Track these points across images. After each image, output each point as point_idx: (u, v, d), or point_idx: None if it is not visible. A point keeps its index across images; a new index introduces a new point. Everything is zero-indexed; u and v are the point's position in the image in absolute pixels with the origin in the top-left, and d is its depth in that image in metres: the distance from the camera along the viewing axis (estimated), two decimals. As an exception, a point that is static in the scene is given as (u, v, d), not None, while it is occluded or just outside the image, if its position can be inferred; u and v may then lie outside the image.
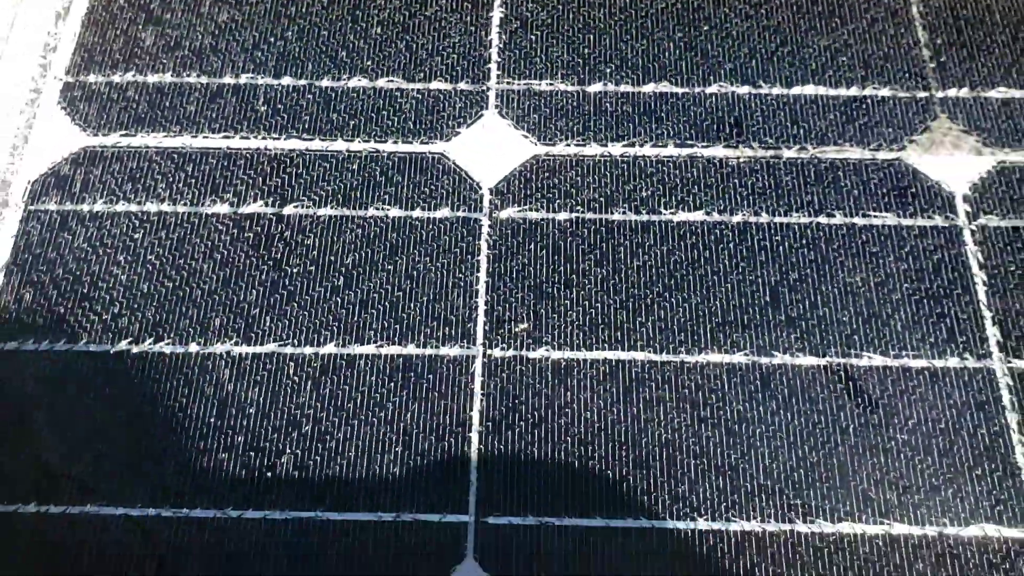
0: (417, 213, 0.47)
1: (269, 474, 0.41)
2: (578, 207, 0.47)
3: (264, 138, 0.49)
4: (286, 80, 0.51)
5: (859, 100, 0.50)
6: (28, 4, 0.53)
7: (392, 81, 0.51)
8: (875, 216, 0.47)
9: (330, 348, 0.44)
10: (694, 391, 0.43)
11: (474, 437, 0.42)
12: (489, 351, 0.44)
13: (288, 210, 0.47)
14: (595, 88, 0.51)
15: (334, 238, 0.46)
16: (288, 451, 0.41)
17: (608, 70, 0.52)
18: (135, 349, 0.43)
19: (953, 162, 0.48)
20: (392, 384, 0.43)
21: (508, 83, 0.51)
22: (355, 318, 0.44)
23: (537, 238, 0.47)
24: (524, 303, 0.45)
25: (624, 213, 0.47)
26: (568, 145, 0.49)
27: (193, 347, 0.44)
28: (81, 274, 0.45)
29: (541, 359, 0.43)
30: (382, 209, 0.47)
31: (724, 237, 0.46)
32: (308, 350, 0.44)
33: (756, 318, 0.44)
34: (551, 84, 0.51)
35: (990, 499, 0.40)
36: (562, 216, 0.47)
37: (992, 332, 0.44)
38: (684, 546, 0.39)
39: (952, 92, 0.50)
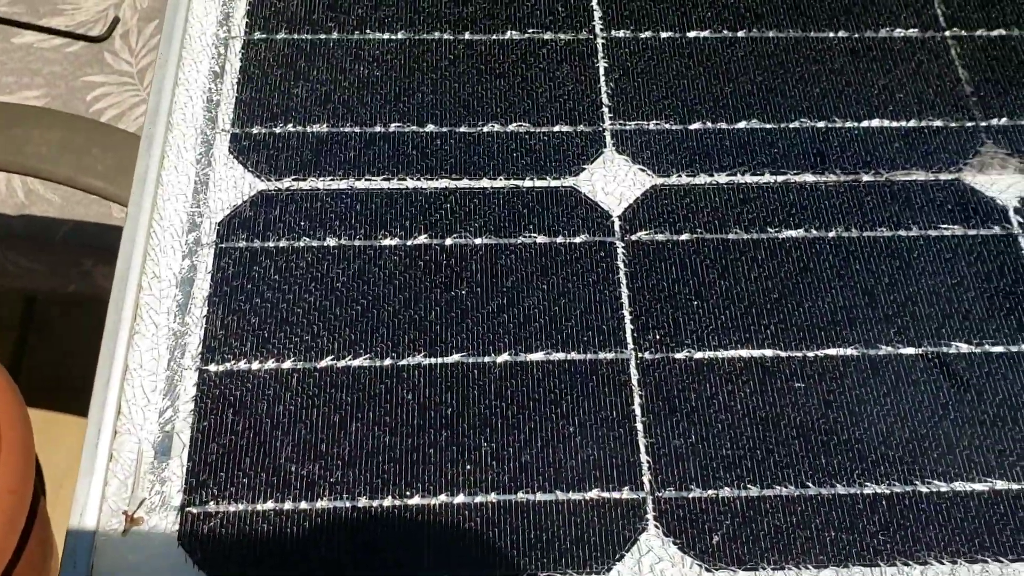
0: (560, 239, 0.55)
1: (469, 466, 0.48)
2: (697, 229, 0.55)
3: (418, 179, 0.56)
4: (429, 127, 0.58)
5: (918, 130, 0.59)
6: (187, 66, 0.60)
7: (521, 126, 0.59)
8: (945, 228, 0.56)
9: (505, 357, 0.51)
10: (817, 380, 0.51)
11: (639, 427, 0.49)
12: (640, 354, 0.51)
13: (449, 241, 0.54)
14: (695, 126, 0.59)
15: (493, 264, 0.54)
16: (484, 444, 0.48)
17: (704, 110, 0.60)
18: (339, 364, 0.50)
19: (1002, 181, 0.58)
20: (563, 385, 0.50)
21: (621, 124, 0.59)
22: (522, 331, 0.52)
23: (665, 256, 0.55)
24: (663, 312, 0.53)
25: (737, 233, 0.55)
26: (680, 176, 0.57)
27: (388, 361, 0.51)
28: (277, 302, 0.52)
29: (685, 359, 0.51)
30: (530, 237, 0.55)
31: (823, 250, 0.55)
32: (487, 359, 0.51)
33: (859, 317, 0.53)
34: (658, 124, 0.59)
35: (1068, 457, 0.49)
36: (684, 237, 0.55)
37: (1053, 321, 0.53)
38: (824, 509, 0.47)
39: (994, 121, 0.60)
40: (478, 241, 0.54)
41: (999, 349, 0.52)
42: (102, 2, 1.23)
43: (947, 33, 0.64)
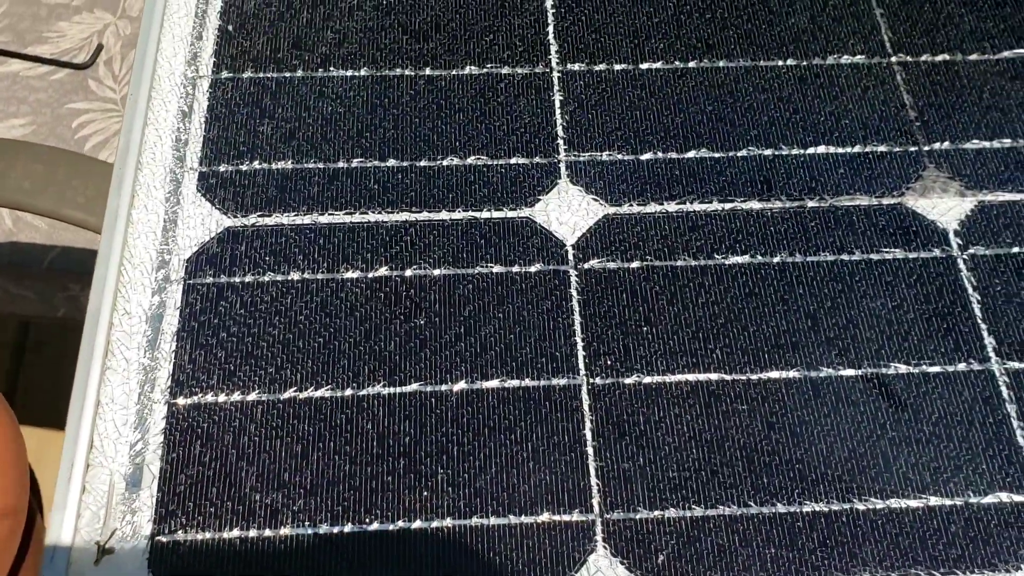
0: (516, 269, 0.57)
1: (426, 492, 0.50)
2: (647, 256, 0.58)
3: (379, 213, 0.59)
4: (391, 162, 0.61)
5: (862, 156, 0.62)
6: (156, 105, 0.62)
7: (479, 159, 0.61)
8: (886, 251, 0.58)
9: (462, 385, 0.53)
10: (761, 402, 0.53)
11: (589, 451, 0.51)
12: (592, 379, 0.54)
13: (409, 272, 0.57)
14: (647, 156, 0.62)
15: (451, 294, 0.56)
16: (441, 471, 0.51)
17: (655, 140, 0.62)
18: (301, 395, 0.52)
19: (943, 204, 0.60)
20: (517, 411, 0.52)
21: (575, 156, 0.61)
22: (478, 359, 0.54)
23: (617, 284, 0.57)
24: (613, 339, 0.55)
25: (685, 259, 0.58)
26: (631, 205, 0.60)
27: (348, 391, 0.53)
28: (243, 336, 0.54)
29: (635, 383, 0.53)
30: (487, 267, 0.57)
31: (768, 275, 0.57)
32: (444, 387, 0.53)
33: (802, 340, 0.55)
34: (610, 155, 0.61)
35: (1001, 472, 0.51)
36: (634, 264, 0.57)
37: (989, 341, 0.55)
38: (766, 528, 0.49)
39: (936, 145, 0.62)
40: (436, 272, 0.57)
41: (936, 369, 0.54)
42: (86, 29, 1.25)
43: (893, 59, 0.66)
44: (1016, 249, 0.58)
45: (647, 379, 0.54)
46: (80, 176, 0.81)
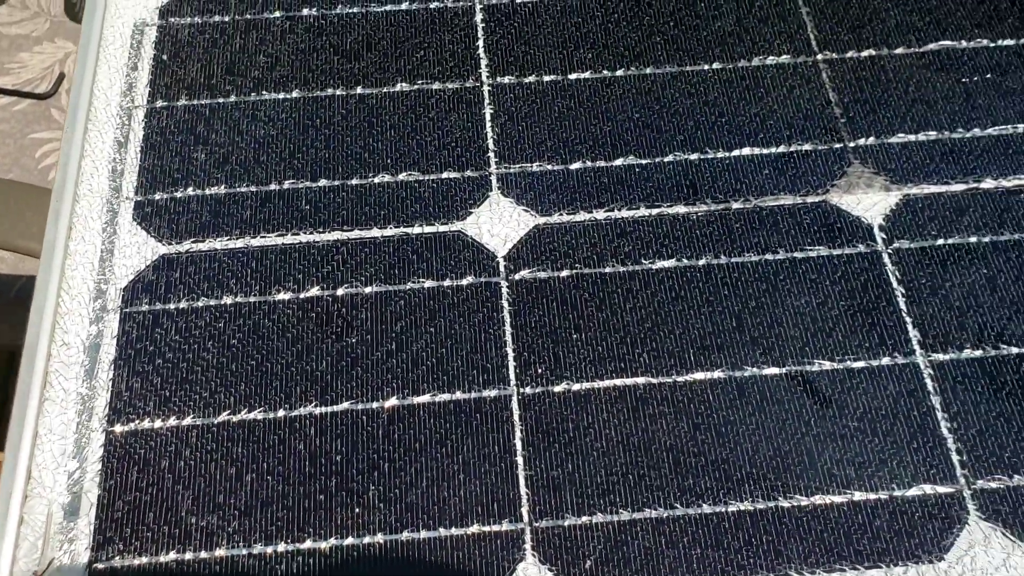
0: (447, 282, 0.58)
1: (358, 509, 0.51)
2: (577, 264, 0.59)
3: (311, 233, 0.60)
4: (323, 182, 0.61)
5: (787, 155, 0.63)
6: (93, 137, 0.63)
7: (411, 174, 0.62)
8: (811, 249, 0.59)
9: (393, 401, 0.54)
10: (687, 404, 0.54)
11: (519, 460, 0.52)
12: (522, 389, 0.54)
13: (340, 291, 0.58)
14: (576, 166, 0.62)
15: (383, 311, 0.57)
16: (372, 487, 0.52)
17: (584, 150, 0.63)
18: (235, 418, 0.53)
19: (868, 199, 0.61)
20: (448, 424, 0.53)
21: (506, 168, 0.62)
22: (410, 375, 0.55)
23: (547, 293, 0.58)
24: (544, 348, 0.56)
25: (614, 266, 0.58)
26: (561, 215, 0.61)
27: (281, 412, 0.54)
28: (178, 362, 0.55)
29: (564, 391, 0.54)
30: (418, 282, 0.58)
31: (695, 278, 0.58)
32: (375, 404, 0.54)
33: (727, 341, 0.56)
34: (541, 165, 0.62)
35: (926, 464, 0.52)
36: (564, 273, 0.58)
37: (913, 334, 0.56)
38: (692, 529, 0.50)
39: (861, 141, 0.63)
40: (368, 290, 0.58)
41: (860, 364, 0.55)
42: (47, 59, 1.26)
43: (819, 57, 0.67)
44: (941, 241, 0.59)
45: (576, 386, 0.54)
46: (32, 207, 0.82)
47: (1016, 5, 0.68)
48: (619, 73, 0.66)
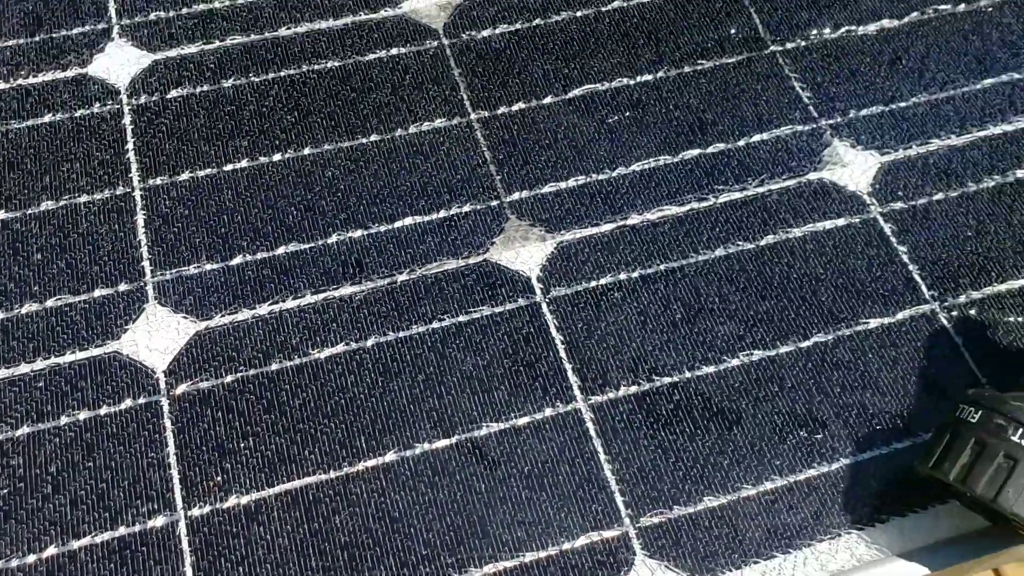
0: (103, 410, 0.55)
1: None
2: (241, 367, 0.57)
3: (-49, 381, 0.56)
4: (-40, 324, 0.58)
5: (449, 219, 0.63)
6: None
7: (60, 299, 0.59)
8: (474, 311, 0.60)
9: (52, 550, 0.51)
10: (361, 494, 0.53)
11: (191, 587, 0.51)
12: (190, 512, 0.53)
13: (-12, 440, 0.54)
14: (237, 260, 0.61)
15: (36, 453, 0.54)
16: (32, 650, 0.49)
17: (245, 243, 0.62)
18: None
19: (526, 252, 0.62)
20: (112, 565, 0.51)
21: (161, 275, 0.60)
22: (70, 518, 0.52)
23: (211, 403, 0.56)
24: (211, 463, 0.54)
25: (280, 362, 0.58)
26: (223, 316, 0.59)
27: (-75, 587, 0.50)
28: None
29: (234, 506, 0.53)
30: (72, 415, 0.55)
31: (364, 360, 0.58)
32: (32, 558, 0.51)
33: (400, 420, 0.56)
34: (199, 267, 0.61)
35: (592, 512, 0.53)
36: (229, 379, 0.57)
37: (573, 380, 0.58)
38: (377, 619, 0.50)
39: (516, 195, 0.65)
40: (20, 432, 0.54)
41: (524, 420, 0.56)
42: None
43: (472, 116, 0.68)
44: (594, 283, 0.61)
45: (245, 499, 0.53)
46: None
47: (651, 40, 0.72)
48: (276, 158, 0.66)
